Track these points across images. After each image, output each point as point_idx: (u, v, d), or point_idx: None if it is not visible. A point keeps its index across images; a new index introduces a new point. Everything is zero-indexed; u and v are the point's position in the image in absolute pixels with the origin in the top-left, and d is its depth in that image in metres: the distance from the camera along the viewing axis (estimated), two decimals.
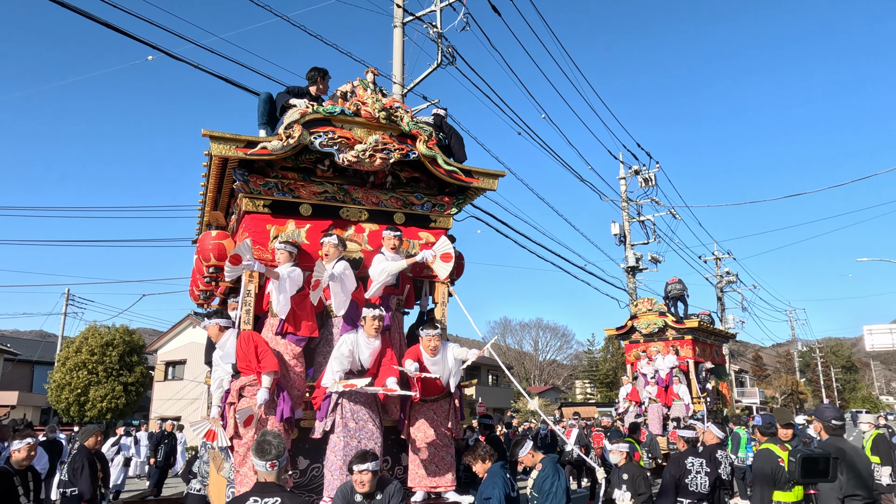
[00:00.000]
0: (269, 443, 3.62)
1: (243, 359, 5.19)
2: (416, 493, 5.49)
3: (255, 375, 5.18)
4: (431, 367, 5.50)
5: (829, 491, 4.70)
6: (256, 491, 3.54)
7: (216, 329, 5.42)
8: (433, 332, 5.49)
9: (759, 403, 52.63)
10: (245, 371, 5.20)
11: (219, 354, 5.45)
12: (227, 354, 5.34)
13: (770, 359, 78.55)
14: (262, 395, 5.04)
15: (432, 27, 12.78)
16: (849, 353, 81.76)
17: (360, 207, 6.11)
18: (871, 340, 31.21)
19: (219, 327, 5.41)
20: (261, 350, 5.18)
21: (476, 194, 6.73)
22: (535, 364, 65.72)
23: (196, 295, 7.80)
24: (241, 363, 5.20)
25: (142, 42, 8.24)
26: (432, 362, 5.53)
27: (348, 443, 5.13)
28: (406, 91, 12.61)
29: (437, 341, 5.50)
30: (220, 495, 6.13)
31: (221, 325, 5.43)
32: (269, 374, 5.09)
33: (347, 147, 5.74)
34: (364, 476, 4.41)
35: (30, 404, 28.97)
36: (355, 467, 4.45)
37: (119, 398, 27.50)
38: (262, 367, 5.10)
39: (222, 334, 5.41)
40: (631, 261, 23.30)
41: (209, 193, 6.54)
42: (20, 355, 36.20)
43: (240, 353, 5.21)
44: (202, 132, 5.32)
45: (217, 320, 5.43)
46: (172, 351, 33.53)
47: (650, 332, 15.47)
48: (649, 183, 24.08)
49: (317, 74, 6.65)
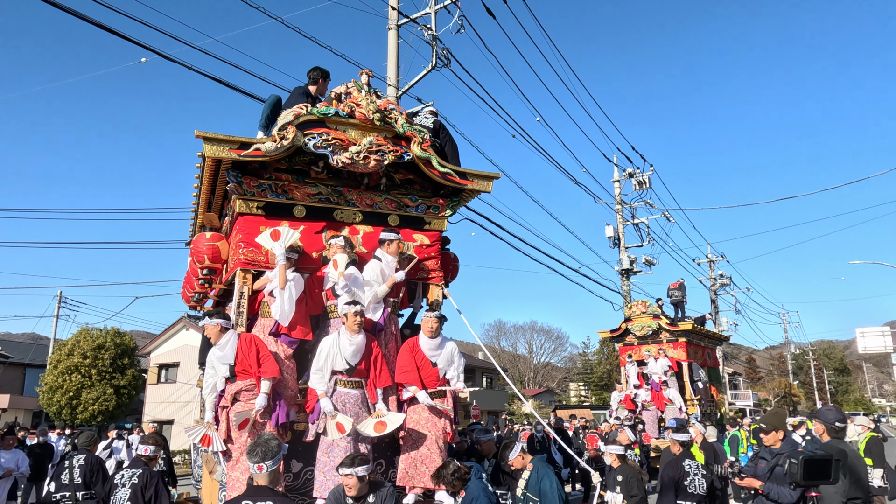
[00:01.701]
0: (261, 445, 3.60)
1: (243, 362, 5.13)
2: (407, 494, 5.46)
3: (252, 380, 5.14)
4: (430, 352, 5.59)
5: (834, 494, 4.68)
6: (249, 494, 3.50)
7: (217, 329, 5.26)
8: (432, 314, 5.69)
9: (752, 406, 52.75)
10: (243, 375, 5.15)
11: (217, 355, 5.31)
12: (226, 356, 5.23)
13: (763, 361, 78.82)
14: (261, 401, 5.00)
15: (427, 29, 12.79)
16: (841, 356, 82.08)
17: (355, 209, 6.10)
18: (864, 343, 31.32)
19: (220, 327, 5.26)
20: (262, 354, 5.14)
21: (470, 196, 6.72)
22: (529, 366, 65.66)
23: (189, 297, 7.76)
24: (241, 366, 5.14)
25: (135, 43, 8.20)
26: (430, 346, 5.61)
27: (338, 443, 5.10)
28: (401, 93, 12.60)
29: (435, 323, 5.66)
30: (212, 499, 6.09)
31: (223, 326, 5.29)
32: (269, 379, 5.05)
33: (342, 149, 5.73)
34: (350, 480, 4.37)
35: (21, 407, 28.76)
36: (341, 470, 4.42)
37: (110, 401, 27.35)
38: (263, 372, 5.06)
39: (223, 335, 5.27)
40: (625, 263, 23.33)
41: (203, 195, 6.51)
42: (12, 358, 35.91)
43: (240, 355, 5.15)
44: (195, 133, 5.30)
45: (218, 320, 5.28)
46: (165, 354, 33.40)
47: (644, 335, 15.49)
48: (643, 186, 24.12)
49: (318, 75, 6.62)
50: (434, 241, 6.36)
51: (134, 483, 5.35)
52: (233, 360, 5.18)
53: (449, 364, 5.71)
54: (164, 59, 8.67)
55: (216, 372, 5.35)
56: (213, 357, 5.37)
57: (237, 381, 5.18)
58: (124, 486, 5.35)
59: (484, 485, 5.06)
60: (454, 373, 5.72)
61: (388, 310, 6.00)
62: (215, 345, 5.29)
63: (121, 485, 5.37)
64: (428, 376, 5.60)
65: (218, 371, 5.33)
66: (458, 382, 5.71)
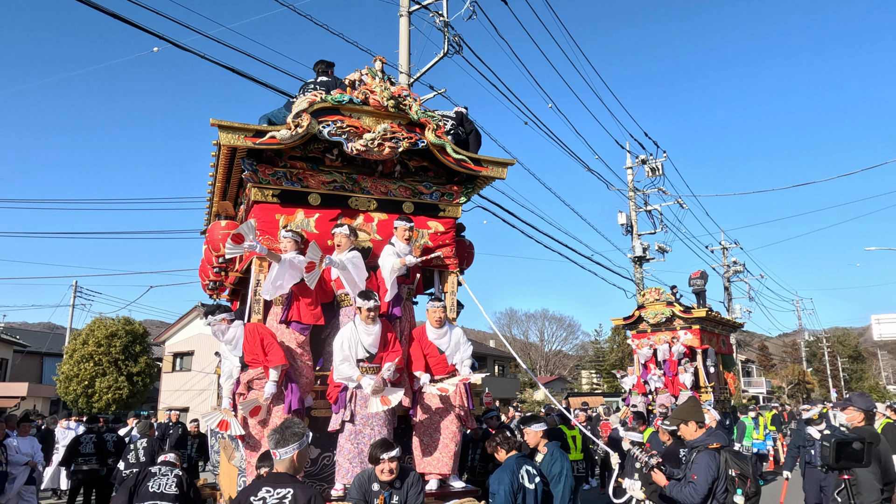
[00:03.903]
0: (283, 430, 3.60)
1: (250, 352, 5.18)
2: (428, 480, 5.48)
3: (262, 368, 5.18)
4: (437, 341, 5.65)
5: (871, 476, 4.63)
6: (270, 481, 3.51)
7: (224, 324, 5.39)
8: (437, 304, 5.73)
9: (765, 393, 52.60)
10: (253, 364, 5.19)
11: (227, 347, 5.44)
12: (234, 347, 5.35)
13: (776, 349, 78.40)
14: (269, 389, 5.05)
15: (438, 16, 12.71)
16: (856, 343, 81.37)
17: (369, 197, 6.10)
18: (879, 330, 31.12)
19: (225, 321, 5.39)
20: (266, 343, 5.17)
21: (485, 183, 6.70)
22: (540, 354, 65.76)
23: (205, 285, 7.82)
24: (248, 356, 5.20)
25: (148, 32, 8.21)
26: (437, 335, 5.65)
27: (361, 430, 5.14)
28: (412, 81, 12.55)
29: (441, 312, 5.71)
30: (231, 484, 6.16)
31: (228, 319, 5.42)
32: (276, 367, 5.09)
33: (356, 136, 5.72)
34: (393, 464, 4.45)
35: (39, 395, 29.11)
36: (385, 455, 4.46)
37: (123, 389, 27.67)
38: (269, 360, 5.10)
39: (229, 328, 5.39)
40: (638, 251, 23.22)
41: (218, 183, 6.53)
42: (29, 347, 36.42)
43: (246, 345, 5.20)
44: (210, 121, 5.31)
45: (222, 315, 5.41)
46: (180, 342, 33.72)
47: (658, 322, 15.42)
48: (656, 172, 23.96)
49: (324, 67, 6.66)
50: (449, 228, 6.35)
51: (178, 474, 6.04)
52: (241, 350, 5.26)
53: (456, 351, 5.72)
54: (178, 47, 8.68)
55: (231, 361, 5.46)
56: (224, 349, 5.53)
57: (249, 369, 5.23)
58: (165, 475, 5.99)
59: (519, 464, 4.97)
60: (460, 358, 5.72)
61: (404, 298, 6.01)
62: (223, 339, 5.39)
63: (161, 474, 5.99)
64: (436, 364, 5.63)
65: (231, 361, 5.43)
66: (464, 369, 5.70)
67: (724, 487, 4.58)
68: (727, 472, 4.61)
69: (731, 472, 4.61)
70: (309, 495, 3.45)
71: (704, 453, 4.70)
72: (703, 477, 4.57)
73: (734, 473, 4.61)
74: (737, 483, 4.59)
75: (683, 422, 5.10)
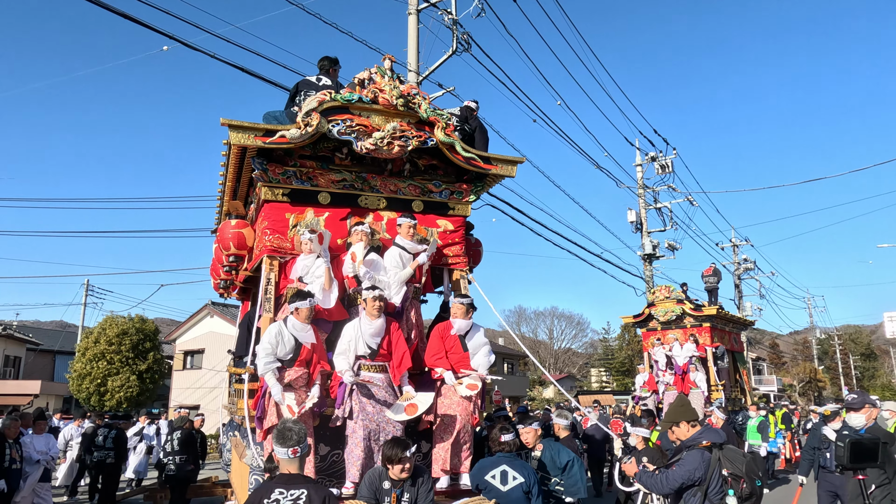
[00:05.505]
0: (290, 429, 3.56)
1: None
2: (439, 478, 5.48)
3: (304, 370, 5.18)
4: (462, 337, 5.63)
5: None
6: (282, 482, 3.46)
7: (307, 311, 5.19)
8: (465, 300, 5.70)
9: (776, 391, 52.29)
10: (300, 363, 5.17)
11: (302, 335, 5.17)
12: (306, 337, 5.17)
13: (787, 346, 77.87)
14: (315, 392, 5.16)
15: (447, 14, 12.70)
16: (868, 341, 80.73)
17: (379, 195, 6.11)
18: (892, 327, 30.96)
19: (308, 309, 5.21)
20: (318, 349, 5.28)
21: (494, 181, 6.70)
22: (549, 352, 65.63)
23: (216, 284, 7.87)
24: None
25: (158, 31, 8.25)
26: (461, 331, 5.63)
27: (367, 426, 5.13)
28: (421, 79, 12.55)
29: (466, 308, 5.68)
30: (242, 483, 6.18)
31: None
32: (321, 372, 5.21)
33: (365, 135, 5.73)
34: (408, 463, 4.39)
35: (52, 393, 29.42)
36: (400, 454, 4.37)
37: (134, 387, 27.88)
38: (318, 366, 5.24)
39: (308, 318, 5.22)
40: (648, 248, 23.14)
41: (228, 183, 6.56)
42: (42, 345, 36.77)
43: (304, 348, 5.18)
44: (221, 121, 5.34)
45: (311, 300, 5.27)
46: (191, 340, 33.91)
47: (668, 320, 15.35)
48: (666, 169, 23.86)
49: (328, 64, 6.66)
50: (458, 226, 6.35)
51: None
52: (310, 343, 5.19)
53: (476, 351, 5.70)
54: (187, 47, 8.72)
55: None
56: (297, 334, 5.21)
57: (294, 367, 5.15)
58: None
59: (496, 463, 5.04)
60: (479, 363, 5.70)
61: (410, 296, 6.01)
62: (302, 324, 5.15)
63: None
64: (458, 361, 5.61)
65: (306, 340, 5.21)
66: (482, 369, 5.70)
67: (717, 488, 4.44)
68: (719, 471, 4.48)
69: (723, 472, 4.48)
70: (323, 495, 3.41)
71: (694, 451, 4.56)
72: (681, 472, 4.46)
73: (726, 473, 4.48)
74: (729, 483, 4.46)
75: (675, 423, 4.95)
